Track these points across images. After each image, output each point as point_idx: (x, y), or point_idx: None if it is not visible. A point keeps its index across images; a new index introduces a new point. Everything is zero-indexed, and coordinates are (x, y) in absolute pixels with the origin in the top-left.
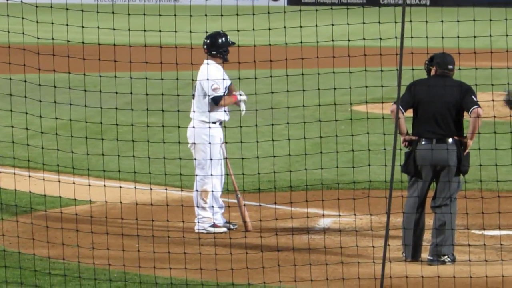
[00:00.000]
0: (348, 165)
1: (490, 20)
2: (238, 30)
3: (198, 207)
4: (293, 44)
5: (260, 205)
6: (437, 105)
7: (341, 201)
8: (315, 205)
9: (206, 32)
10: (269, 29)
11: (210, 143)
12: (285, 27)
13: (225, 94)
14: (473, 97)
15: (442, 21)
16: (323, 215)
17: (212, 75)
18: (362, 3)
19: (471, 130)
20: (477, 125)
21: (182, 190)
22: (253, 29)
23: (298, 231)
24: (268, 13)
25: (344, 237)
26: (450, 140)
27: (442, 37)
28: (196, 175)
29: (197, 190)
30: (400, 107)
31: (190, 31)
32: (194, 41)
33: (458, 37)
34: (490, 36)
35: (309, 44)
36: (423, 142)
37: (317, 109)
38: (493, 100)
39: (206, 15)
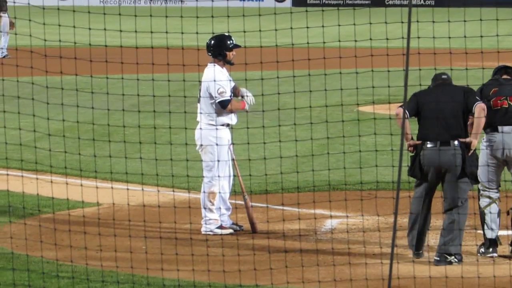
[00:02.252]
0: (355, 166)
1: (497, 19)
2: (244, 31)
3: (205, 208)
4: (299, 45)
5: (267, 207)
6: (441, 108)
7: (348, 202)
8: (322, 206)
9: (213, 33)
10: (276, 30)
11: (217, 145)
12: (291, 28)
13: (231, 97)
14: (476, 97)
15: (448, 21)
16: (331, 216)
17: (217, 78)
18: (367, 3)
19: (475, 130)
20: (481, 124)
21: (189, 192)
22: (260, 30)
23: (306, 232)
24: (275, 14)
25: (352, 238)
26: (455, 142)
27: (449, 37)
28: (204, 177)
29: (204, 192)
30: (407, 112)
31: (197, 33)
32: (201, 42)
33: (465, 37)
34: (497, 35)
35: (316, 45)
36: (428, 145)
37: (323, 110)
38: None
39: (212, 17)
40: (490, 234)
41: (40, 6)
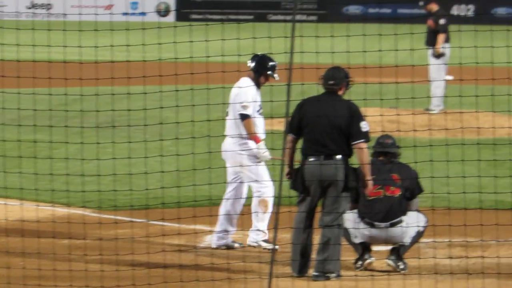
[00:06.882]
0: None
1: (380, 35)
2: (128, 45)
3: (256, 216)
4: (183, 60)
5: (147, 222)
6: (325, 123)
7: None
8: (203, 221)
9: (96, 47)
10: (160, 44)
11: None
12: (175, 43)
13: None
14: (360, 124)
15: (331, 36)
16: (211, 231)
17: (245, 90)
18: (250, 19)
19: (361, 162)
20: (363, 157)
21: (68, 207)
22: (143, 44)
23: (185, 248)
24: (158, 28)
25: (231, 253)
26: (338, 156)
27: (332, 52)
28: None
29: (256, 198)
30: (292, 135)
31: (80, 46)
32: (84, 57)
33: (348, 52)
34: (380, 51)
35: (199, 60)
36: (310, 159)
37: (205, 124)
38: (381, 115)
39: (96, 30)
40: (358, 240)
41: None
